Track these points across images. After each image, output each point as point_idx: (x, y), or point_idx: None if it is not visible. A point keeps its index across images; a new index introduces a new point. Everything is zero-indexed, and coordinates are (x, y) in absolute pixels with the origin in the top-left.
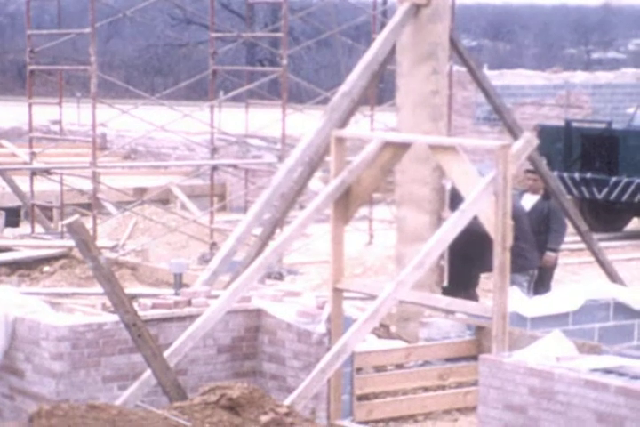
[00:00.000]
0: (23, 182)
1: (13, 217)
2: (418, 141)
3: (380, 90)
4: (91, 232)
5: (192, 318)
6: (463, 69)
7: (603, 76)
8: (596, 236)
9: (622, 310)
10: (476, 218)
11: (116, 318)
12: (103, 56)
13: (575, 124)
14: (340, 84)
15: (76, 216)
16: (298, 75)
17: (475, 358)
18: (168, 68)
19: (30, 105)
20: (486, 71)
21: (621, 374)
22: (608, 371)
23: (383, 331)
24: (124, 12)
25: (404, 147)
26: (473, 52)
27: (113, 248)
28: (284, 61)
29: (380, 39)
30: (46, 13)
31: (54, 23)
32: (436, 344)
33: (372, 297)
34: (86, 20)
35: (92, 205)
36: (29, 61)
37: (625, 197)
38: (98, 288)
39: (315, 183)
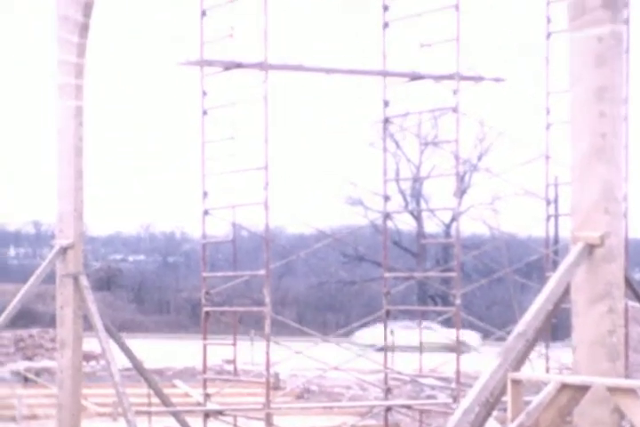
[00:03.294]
0: (196, 423)
1: None
2: (596, 383)
3: (553, 325)
4: None
5: None
6: (638, 305)
7: None
8: None
9: None
10: None
11: None
12: (275, 293)
13: None
14: (512, 320)
15: None
16: (469, 311)
17: None
18: (340, 304)
19: (205, 346)
20: None
21: None
22: None
23: None
24: (298, 253)
25: (582, 389)
26: None
27: None
28: (457, 301)
29: (554, 279)
30: (220, 252)
31: (228, 262)
32: None
33: None
34: (260, 258)
35: None
36: (205, 303)
37: None
38: None
39: (491, 423)
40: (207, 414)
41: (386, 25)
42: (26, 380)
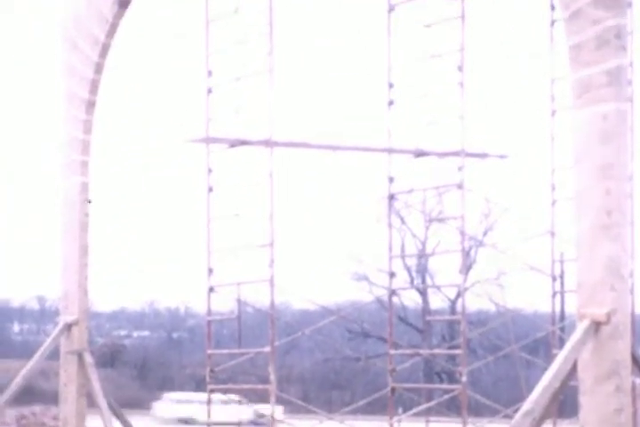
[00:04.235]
0: None
1: None
2: None
3: (561, 402)
4: None
5: None
6: None
7: None
8: None
9: None
10: None
11: None
12: (280, 370)
13: None
14: (519, 397)
15: None
16: (475, 387)
17: None
18: (345, 381)
19: (209, 425)
20: None
21: None
22: None
23: None
24: (303, 330)
25: None
26: None
27: None
28: (464, 378)
29: (560, 357)
30: (225, 328)
31: (233, 338)
32: None
33: None
34: (265, 335)
35: None
36: (209, 381)
37: None
38: None
39: None
40: None
41: (391, 102)
42: None
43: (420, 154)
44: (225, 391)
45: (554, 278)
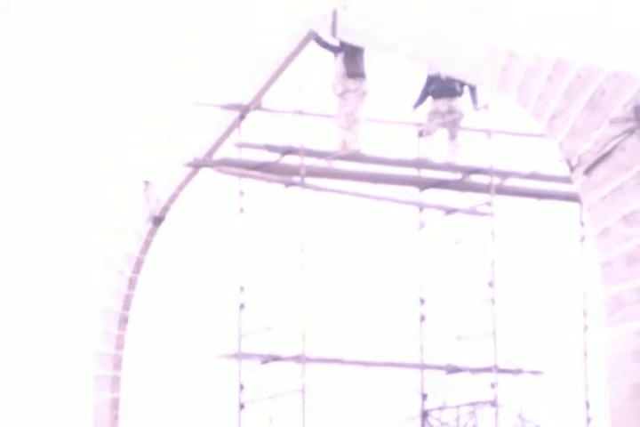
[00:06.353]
0: None
1: None
2: None
3: None
4: None
5: None
6: None
7: None
8: None
9: None
10: None
11: None
12: None
13: None
14: None
15: None
16: None
17: None
18: None
19: None
20: None
21: None
22: None
23: None
24: None
25: None
26: None
27: None
28: None
29: None
30: None
31: None
32: None
33: None
34: None
35: None
36: None
37: None
38: None
39: None
40: None
41: (422, 318)
42: None
43: (452, 370)
44: None
45: None
